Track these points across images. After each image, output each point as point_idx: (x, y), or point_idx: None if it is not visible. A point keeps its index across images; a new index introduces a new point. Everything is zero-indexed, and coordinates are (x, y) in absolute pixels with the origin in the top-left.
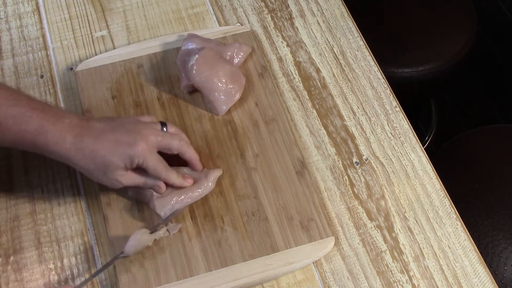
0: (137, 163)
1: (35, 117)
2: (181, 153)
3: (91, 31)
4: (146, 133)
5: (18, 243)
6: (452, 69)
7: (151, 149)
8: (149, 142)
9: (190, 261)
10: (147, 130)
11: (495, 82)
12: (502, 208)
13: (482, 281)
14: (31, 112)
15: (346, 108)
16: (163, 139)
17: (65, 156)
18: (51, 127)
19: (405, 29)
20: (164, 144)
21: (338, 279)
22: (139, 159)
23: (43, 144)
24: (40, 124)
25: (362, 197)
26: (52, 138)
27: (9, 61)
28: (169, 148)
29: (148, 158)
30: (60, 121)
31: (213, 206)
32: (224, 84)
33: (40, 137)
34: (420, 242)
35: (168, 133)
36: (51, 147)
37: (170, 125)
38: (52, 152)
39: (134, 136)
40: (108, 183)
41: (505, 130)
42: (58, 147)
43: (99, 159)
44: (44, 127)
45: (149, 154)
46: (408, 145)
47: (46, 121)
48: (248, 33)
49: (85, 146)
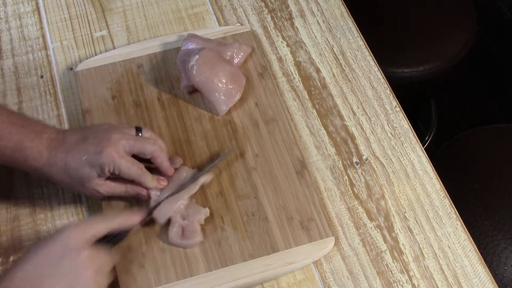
0: (109, 170)
1: (15, 133)
2: (153, 157)
3: (91, 31)
4: (116, 138)
5: (18, 243)
6: (452, 69)
7: (121, 153)
8: (119, 147)
9: (190, 261)
10: (117, 135)
11: (495, 82)
12: (502, 208)
13: (482, 281)
14: (10, 128)
15: (346, 108)
16: (136, 143)
17: (42, 171)
18: (29, 144)
19: (405, 29)
20: (137, 148)
21: (338, 279)
22: (109, 166)
23: (21, 159)
24: (19, 139)
25: (362, 197)
26: (30, 154)
27: (9, 61)
28: (143, 152)
29: (118, 162)
30: (38, 137)
31: (213, 206)
32: (224, 84)
33: (19, 153)
34: (420, 242)
35: (141, 137)
36: (29, 162)
37: (146, 130)
38: (30, 167)
39: (102, 144)
40: (89, 194)
41: (505, 130)
42: (36, 163)
43: (72, 172)
44: (22, 143)
45: (119, 159)
46: (408, 145)
47: (24, 137)
48: (248, 33)
49: (58, 161)
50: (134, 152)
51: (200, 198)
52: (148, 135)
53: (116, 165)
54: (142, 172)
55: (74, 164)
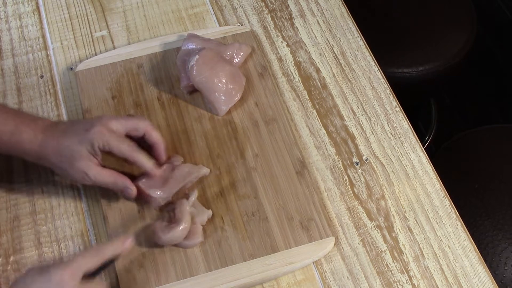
0: (99, 145)
1: (10, 119)
2: (147, 133)
3: (91, 31)
4: (107, 118)
5: (18, 243)
6: (452, 69)
7: (110, 130)
8: (110, 126)
9: (190, 261)
10: (107, 117)
11: (495, 82)
12: (502, 208)
13: (482, 281)
14: (6, 115)
15: (346, 108)
16: (127, 121)
17: (37, 153)
18: (25, 128)
19: (405, 29)
20: (129, 125)
21: (338, 279)
22: (98, 141)
23: (18, 143)
24: (15, 124)
25: (362, 197)
26: (26, 137)
27: (9, 61)
28: (136, 128)
29: (108, 139)
30: (33, 123)
31: (213, 206)
32: (224, 84)
33: (15, 137)
34: (420, 242)
35: (132, 116)
36: (25, 145)
37: (138, 116)
38: (26, 151)
39: (93, 123)
40: (79, 177)
41: (505, 130)
42: (31, 145)
43: (64, 150)
44: (19, 128)
45: (110, 135)
46: (408, 145)
47: (20, 123)
48: (248, 33)
49: (52, 141)
50: (127, 130)
51: (201, 198)
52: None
53: (105, 140)
54: (133, 148)
55: (65, 142)
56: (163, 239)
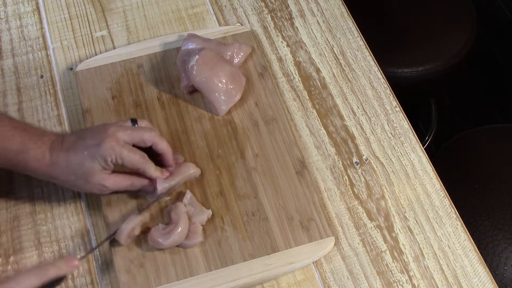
0: (112, 160)
1: (17, 135)
2: (154, 144)
3: (91, 31)
4: (113, 130)
5: (18, 243)
6: (452, 69)
7: (120, 142)
8: (118, 138)
9: (190, 261)
10: (114, 127)
11: (495, 82)
12: (502, 208)
13: (482, 281)
14: (13, 132)
15: (346, 108)
16: (133, 132)
17: (46, 173)
18: (33, 145)
19: (405, 29)
20: (135, 137)
21: (338, 279)
22: (111, 155)
23: (24, 161)
24: (22, 142)
25: (362, 197)
26: (33, 156)
27: (9, 61)
28: (142, 140)
29: (119, 151)
30: (40, 140)
31: (213, 206)
32: (224, 84)
33: (22, 155)
34: (420, 242)
35: (138, 127)
36: (32, 164)
37: (140, 120)
38: (34, 169)
39: (100, 137)
40: (96, 190)
41: (505, 130)
42: (39, 164)
43: (76, 168)
44: (26, 145)
45: (120, 148)
46: (408, 145)
47: (28, 140)
48: (248, 33)
49: (60, 160)
50: (134, 141)
51: (201, 198)
52: (144, 124)
53: (117, 154)
54: (145, 160)
55: (76, 160)
56: (165, 245)
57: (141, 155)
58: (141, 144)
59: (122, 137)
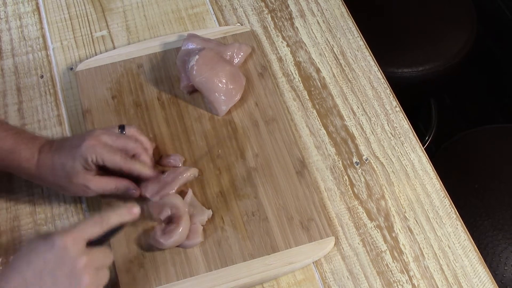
0: (92, 160)
1: (10, 137)
2: (136, 155)
3: (91, 31)
4: (98, 133)
5: (18, 243)
6: (452, 69)
7: (101, 143)
8: (101, 140)
9: (190, 261)
10: (99, 131)
11: (495, 82)
12: (502, 208)
13: (482, 281)
14: (5, 133)
15: (346, 108)
16: (118, 139)
17: (34, 173)
18: (24, 146)
19: (405, 29)
20: (119, 143)
21: (338, 279)
22: (91, 155)
23: (15, 161)
24: (14, 142)
25: (362, 197)
26: (24, 155)
27: (9, 61)
28: (125, 148)
29: (99, 151)
30: (31, 142)
31: (213, 206)
32: (224, 84)
33: (13, 155)
34: (420, 242)
35: (124, 135)
36: (23, 163)
37: (128, 127)
38: (23, 169)
39: (84, 137)
40: (81, 191)
41: (505, 130)
42: (29, 164)
43: (59, 168)
44: (17, 146)
45: (101, 149)
46: (408, 145)
47: (20, 140)
48: (248, 33)
49: (47, 161)
50: (117, 147)
51: (201, 198)
52: (132, 131)
53: (97, 154)
54: (127, 159)
55: (59, 160)
56: (165, 245)
57: (121, 155)
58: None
59: (105, 140)
